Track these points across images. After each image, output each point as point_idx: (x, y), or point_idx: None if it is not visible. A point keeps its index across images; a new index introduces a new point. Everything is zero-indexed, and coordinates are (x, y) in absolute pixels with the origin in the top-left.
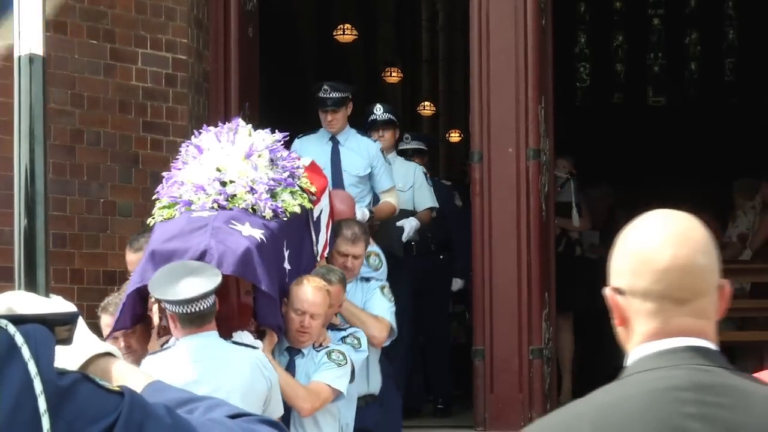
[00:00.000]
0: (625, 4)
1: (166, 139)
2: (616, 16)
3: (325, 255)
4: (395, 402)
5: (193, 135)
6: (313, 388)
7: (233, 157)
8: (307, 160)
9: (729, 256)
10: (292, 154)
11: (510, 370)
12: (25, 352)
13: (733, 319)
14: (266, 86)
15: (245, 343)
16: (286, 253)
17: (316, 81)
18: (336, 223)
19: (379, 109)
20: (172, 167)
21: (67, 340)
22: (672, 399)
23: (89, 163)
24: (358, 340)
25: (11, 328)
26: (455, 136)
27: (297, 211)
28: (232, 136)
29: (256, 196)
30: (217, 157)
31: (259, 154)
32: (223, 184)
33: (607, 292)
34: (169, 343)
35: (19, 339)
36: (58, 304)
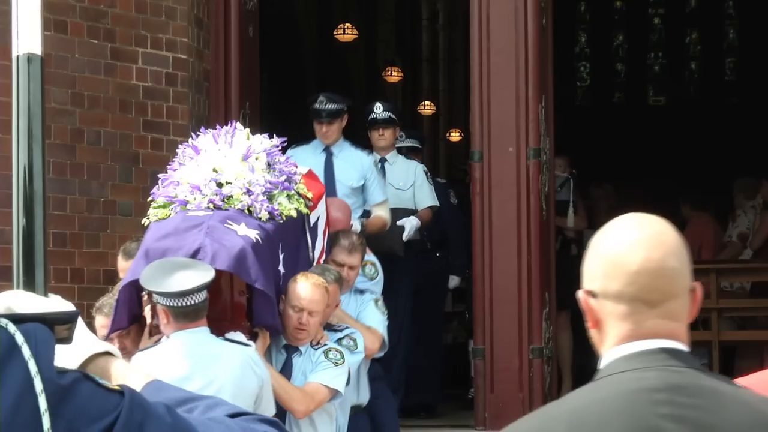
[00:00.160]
0: (626, 4)
1: (166, 138)
2: (617, 15)
3: (321, 262)
4: (389, 405)
5: (191, 137)
6: (309, 390)
7: (230, 158)
8: (304, 168)
9: (729, 256)
10: (290, 160)
11: (510, 370)
12: (26, 351)
13: (733, 318)
14: (266, 86)
15: (237, 341)
16: (281, 255)
17: (317, 81)
18: (333, 234)
19: (379, 108)
20: (168, 168)
21: (67, 339)
22: (646, 400)
23: (89, 163)
24: (354, 341)
25: (11, 327)
26: (455, 135)
27: (293, 214)
28: (230, 138)
29: (252, 197)
30: (214, 159)
31: (256, 157)
32: (220, 185)
33: (581, 295)
34: (160, 341)
35: (20, 338)
36: (56, 304)
